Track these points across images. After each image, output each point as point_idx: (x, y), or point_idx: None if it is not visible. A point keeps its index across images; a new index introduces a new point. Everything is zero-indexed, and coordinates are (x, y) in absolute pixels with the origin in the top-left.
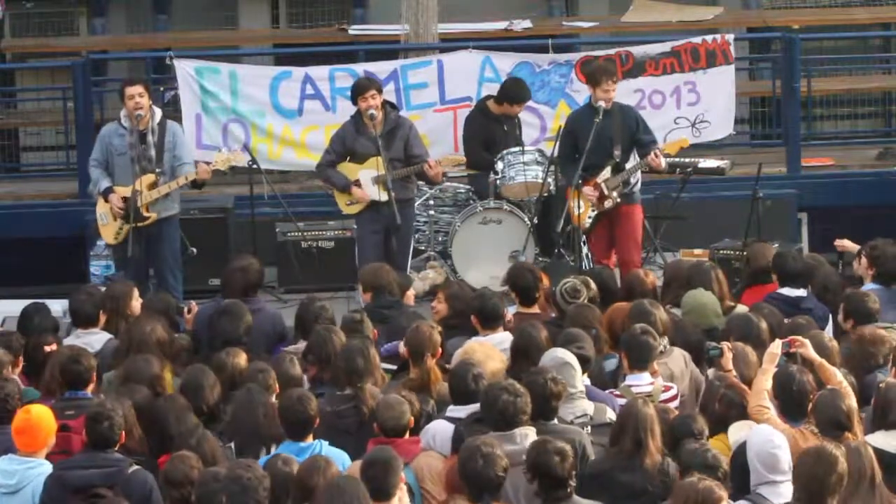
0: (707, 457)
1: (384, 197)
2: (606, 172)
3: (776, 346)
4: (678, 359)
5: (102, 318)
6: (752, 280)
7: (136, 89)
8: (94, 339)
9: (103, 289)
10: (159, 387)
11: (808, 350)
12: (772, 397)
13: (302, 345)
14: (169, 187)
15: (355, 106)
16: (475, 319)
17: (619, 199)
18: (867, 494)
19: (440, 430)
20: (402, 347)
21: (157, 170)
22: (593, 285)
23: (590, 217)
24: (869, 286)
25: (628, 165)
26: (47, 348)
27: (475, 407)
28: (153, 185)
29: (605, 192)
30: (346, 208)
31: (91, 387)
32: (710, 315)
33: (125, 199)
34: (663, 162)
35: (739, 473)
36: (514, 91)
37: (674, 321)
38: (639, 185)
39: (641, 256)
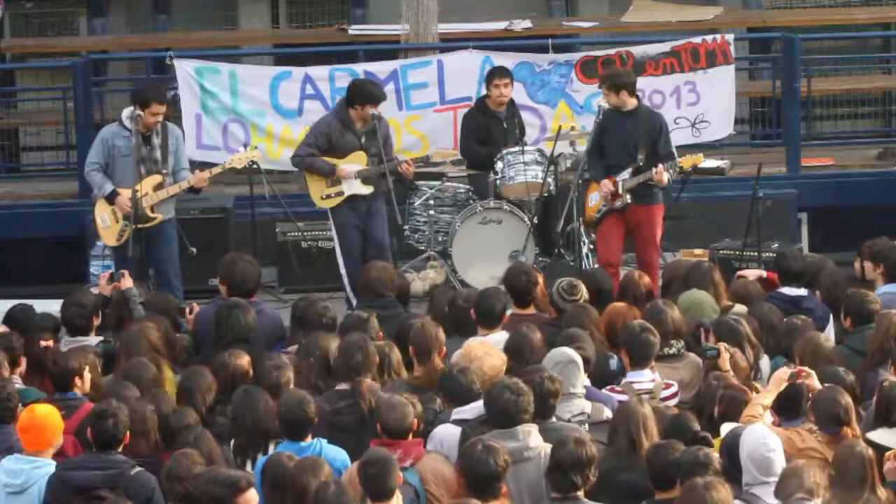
0: (698, 455)
1: (365, 191)
2: (626, 173)
3: (783, 374)
4: (692, 366)
5: (95, 323)
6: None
7: (163, 108)
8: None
9: (95, 290)
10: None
11: (814, 382)
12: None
13: None
14: (179, 187)
15: (360, 105)
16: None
17: (629, 200)
18: (869, 494)
19: (447, 434)
20: None
21: (164, 171)
22: (583, 287)
23: (599, 213)
24: (883, 289)
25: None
26: (43, 343)
27: (480, 407)
28: (159, 186)
29: (620, 190)
30: (320, 202)
31: (79, 386)
32: (708, 311)
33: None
34: (665, 178)
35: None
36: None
37: None
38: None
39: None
